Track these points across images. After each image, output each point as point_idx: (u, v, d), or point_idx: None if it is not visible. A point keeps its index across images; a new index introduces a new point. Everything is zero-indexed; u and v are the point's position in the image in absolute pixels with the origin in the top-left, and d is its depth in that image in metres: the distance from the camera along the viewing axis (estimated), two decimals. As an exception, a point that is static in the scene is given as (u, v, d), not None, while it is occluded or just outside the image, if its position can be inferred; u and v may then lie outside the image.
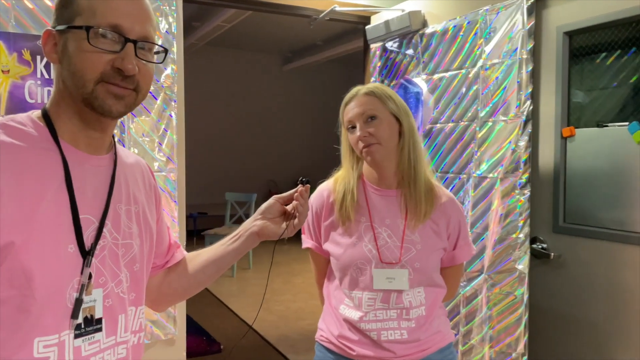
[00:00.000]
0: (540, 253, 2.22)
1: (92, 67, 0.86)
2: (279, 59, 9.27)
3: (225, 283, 5.89)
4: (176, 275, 1.20)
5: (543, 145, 2.27)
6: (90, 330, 0.90)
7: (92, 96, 0.87)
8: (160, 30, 2.21)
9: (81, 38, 0.86)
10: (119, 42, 0.87)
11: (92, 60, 0.86)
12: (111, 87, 0.87)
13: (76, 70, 0.87)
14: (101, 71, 0.86)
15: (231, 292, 5.52)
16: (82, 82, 0.87)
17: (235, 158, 9.02)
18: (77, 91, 0.88)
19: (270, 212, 1.18)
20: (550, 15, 2.23)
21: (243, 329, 4.48)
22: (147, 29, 0.91)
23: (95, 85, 0.87)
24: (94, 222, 0.92)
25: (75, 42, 0.87)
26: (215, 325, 4.54)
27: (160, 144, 2.22)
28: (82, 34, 0.86)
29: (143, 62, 0.90)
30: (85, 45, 0.86)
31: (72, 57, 0.87)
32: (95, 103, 0.87)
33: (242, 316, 4.78)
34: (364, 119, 1.45)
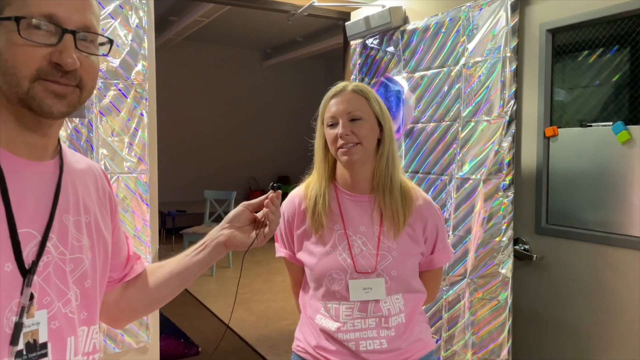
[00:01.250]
0: (523, 254, 2.18)
1: (26, 63, 0.77)
2: (258, 55, 9.15)
3: (205, 282, 5.79)
4: (135, 290, 1.10)
5: (526, 145, 2.23)
6: (33, 356, 0.81)
7: (28, 96, 0.78)
8: (130, 25, 2.10)
9: (11, 30, 0.76)
10: (55, 34, 0.78)
11: (26, 55, 0.77)
12: (50, 85, 0.78)
13: (8, 68, 0.77)
14: (37, 67, 0.77)
15: (210, 292, 5.42)
16: (16, 80, 0.77)
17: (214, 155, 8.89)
18: (11, 91, 0.78)
19: (239, 221, 1.10)
20: (533, 12, 2.19)
21: (222, 330, 4.39)
22: (87, 18, 0.81)
23: (32, 84, 0.77)
24: (36, 237, 0.82)
25: (5, 35, 0.77)
26: (194, 326, 4.45)
27: (130, 144, 2.12)
28: (12, 26, 0.76)
29: (85, 55, 0.81)
30: (16, 38, 0.76)
31: (3, 53, 0.77)
32: (33, 103, 0.78)
33: (221, 317, 4.69)
34: (348, 117, 1.38)
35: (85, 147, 2.03)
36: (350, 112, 1.39)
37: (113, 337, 2.11)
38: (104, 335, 2.08)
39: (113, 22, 2.07)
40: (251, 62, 9.11)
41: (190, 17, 6.18)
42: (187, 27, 6.65)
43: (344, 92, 1.42)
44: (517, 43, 2.22)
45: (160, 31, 7.22)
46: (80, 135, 2.02)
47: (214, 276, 6.01)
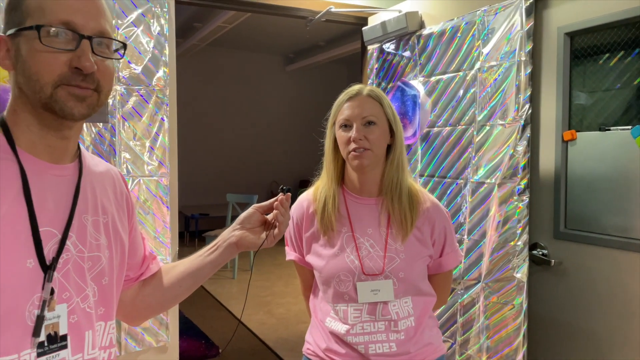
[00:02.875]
0: (541, 259, 2.17)
1: (48, 69, 0.82)
2: (281, 59, 9.23)
3: (226, 285, 5.86)
4: (151, 289, 1.15)
5: (544, 149, 2.22)
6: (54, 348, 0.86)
7: (51, 100, 0.82)
8: (152, 32, 2.17)
9: (33, 39, 0.81)
10: (73, 40, 0.82)
11: (48, 62, 0.82)
12: (72, 89, 0.83)
13: (32, 74, 0.82)
14: (59, 73, 0.82)
15: (232, 294, 5.48)
16: (39, 86, 0.82)
17: (237, 159, 8.99)
18: (35, 96, 0.83)
19: (250, 222, 1.14)
20: (551, 16, 2.18)
21: (243, 332, 4.44)
22: (102, 24, 0.86)
23: (55, 89, 0.82)
24: (56, 235, 0.87)
25: (28, 44, 0.82)
26: (215, 328, 4.51)
27: (152, 148, 2.18)
28: (33, 35, 0.81)
29: (101, 59, 0.85)
30: (37, 45, 0.81)
31: (27, 61, 0.82)
32: (56, 107, 0.83)
33: (242, 319, 4.74)
34: (362, 121, 1.40)
35: (108, 151, 2.09)
36: (365, 117, 1.41)
37: (134, 336, 2.17)
38: (125, 334, 2.14)
39: (135, 30, 2.13)
40: (274, 66, 9.19)
41: (214, 24, 6.28)
42: (210, 33, 6.76)
43: (359, 95, 1.44)
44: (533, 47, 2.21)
45: (185, 37, 7.35)
46: (104, 140, 2.09)
47: (235, 279, 6.08)
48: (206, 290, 5.65)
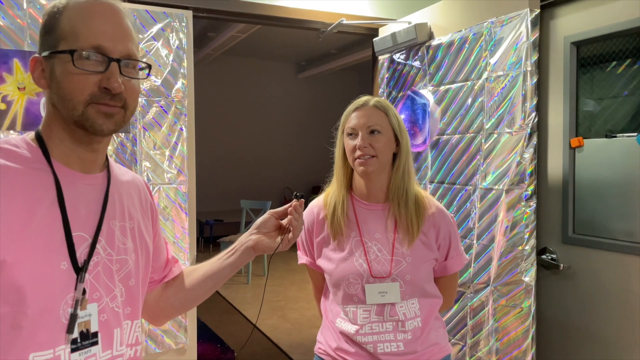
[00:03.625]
0: (550, 264, 2.21)
1: (80, 90, 0.89)
2: (293, 67, 9.33)
3: (240, 290, 5.93)
4: (174, 290, 1.22)
5: (552, 155, 2.26)
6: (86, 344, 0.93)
7: (83, 117, 0.90)
8: (171, 46, 2.26)
9: (67, 61, 0.89)
10: (103, 62, 0.90)
11: (80, 83, 0.89)
12: (101, 107, 0.91)
13: (65, 94, 0.90)
14: (89, 93, 0.89)
15: (246, 299, 5.56)
16: (72, 104, 0.90)
17: (250, 166, 9.09)
18: (68, 113, 0.91)
19: (265, 227, 1.21)
20: (557, 26, 2.23)
21: (257, 336, 4.50)
22: (129, 47, 0.93)
23: (86, 107, 0.90)
24: (87, 239, 0.94)
25: (62, 66, 0.90)
26: (230, 332, 4.58)
27: (171, 157, 2.27)
28: (67, 58, 0.89)
29: (127, 79, 0.93)
30: (71, 68, 0.88)
31: (61, 81, 0.90)
32: (87, 123, 0.91)
33: (256, 323, 4.81)
34: (368, 130, 1.47)
35: (129, 159, 2.18)
36: (370, 126, 1.47)
37: (154, 338, 2.25)
38: (145, 336, 2.22)
39: (155, 44, 2.23)
40: (286, 74, 9.29)
41: (228, 33, 6.39)
42: (224, 42, 6.87)
43: (365, 106, 1.51)
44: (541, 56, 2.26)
45: (200, 46, 7.48)
46: (126, 149, 2.18)
47: (249, 284, 6.15)
48: (221, 295, 5.73)
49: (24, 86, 2.03)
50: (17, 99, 2.02)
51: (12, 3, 1.99)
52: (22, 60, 2.02)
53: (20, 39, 2.02)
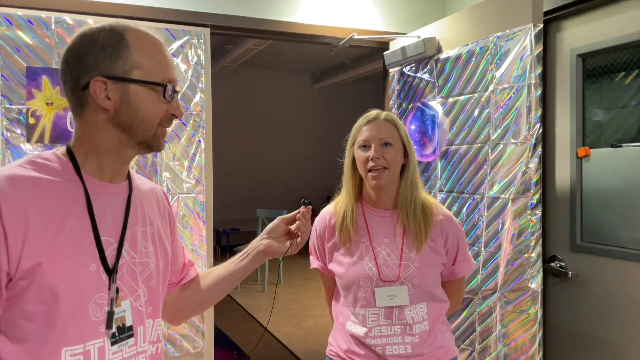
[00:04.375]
0: (559, 271, 2.25)
1: (157, 114, 1.02)
2: (308, 78, 9.45)
3: (256, 298, 6.02)
4: (190, 292, 1.31)
5: (559, 165, 2.31)
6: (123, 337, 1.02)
7: (153, 137, 1.03)
8: (189, 62, 2.37)
9: (151, 90, 1.01)
10: (173, 93, 1.03)
11: (159, 109, 1.02)
12: (164, 130, 1.05)
13: (144, 118, 1.01)
14: (161, 117, 1.03)
15: (261, 307, 5.64)
16: (149, 126, 1.02)
17: (267, 176, 9.20)
18: (142, 133, 1.02)
19: (275, 232, 1.29)
20: (564, 39, 2.29)
21: (273, 343, 4.57)
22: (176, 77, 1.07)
23: (156, 129, 1.03)
24: (113, 244, 1.04)
25: (145, 93, 1.01)
26: (246, 338, 4.65)
27: (189, 168, 2.37)
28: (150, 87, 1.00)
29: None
30: (159, 97, 1.01)
31: (140, 106, 1.01)
32: (155, 143, 1.04)
33: (271, 330, 4.88)
34: (380, 142, 1.55)
35: (150, 170, 2.29)
36: (382, 138, 1.56)
37: (173, 342, 2.34)
38: (164, 340, 2.30)
39: (175, 60, 2.33)
40: (302, 85, 9.42)
41: (244, 46, 6.53)
42: (241, 55, 7.01)
43: (377, 119, 1.59)
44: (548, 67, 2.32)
45: (217, 59, 7.64)
46: (147, 160, 2.28)
47: (265, 292, 6.23)
48: (237, 302, 5.82)
49: (52, 101, 2.14)
50: (46, 114, 2.14)
51: (41, 23, 2.11)
52: (50, 77, 2.14)
53: (48, 57, 2.14)
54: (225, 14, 2.44)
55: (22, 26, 2.08)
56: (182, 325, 2.34)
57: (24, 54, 2.09)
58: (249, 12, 2.49)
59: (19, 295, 0.93)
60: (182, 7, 2.37)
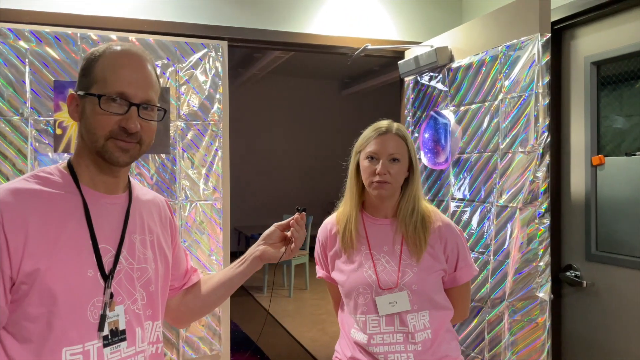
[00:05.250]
0: (574, 281, 2.23)
1: (102, 127, 1.06)
2: (336, 84, 9.52)
3: (282, 303, 6.08)
4: (192, 296, 1.37)
5: (574, 173, 2.30)
6: (116, 340, 1.09)
7: (103, 149, 1.07)
8: (208, 74, 2.45)
9: (95, 103, 1.06)
10: (125, 106, 1.07)
11: (103, 121, 1.06)
12: (118, 142, 1.07)
13: (90, 129, 1.07)
14: (110, 130, 1.06)
15: (287, 312, 5.70)
16: (95, 138, 1.07)
17: (295, 181, 9.30)
18: (92, 145, 1.08)
19: (271, 238, 1.35)
20: (578, 46, 2.28)
21: (296, 348, 4.62)
22: (148, 94, 1.10)
23: (106, 141, 1.07)
24: (111, 251, 1.11)
25: (91, 105, 1.07)
26: (270, 343, 4.72)
27: (207, 176, 2.45)
28: (95, 100, 1.06)
29: (145, 120, 1.09)
30: (97, 109, 1.06)
31: (88, 118, 1.07)
32: (106, 155, 1.08)
33: (295, 336, 4.93)
34: (389, 157, 1.58)
35: (169, 178, 2.38)
36: (392, 154, 1.58)
37: (191, 345, 2.42)
38: (182, 342, 2.39)
39: (194, 72, 2.43)
40: (330, 91, 9.49)
41: (271, 54, 6.64)
42: (269, 63, 7.13)
43: (388, 133, 1.60)
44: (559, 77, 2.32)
45: (246, 67, 7.79)
46: (166, 169, 2.38)
47: (291, 297, 6.30)
48: (263, 307, 5.90)
49: (77, 113, 2.26)
50: (72, 125, 2.26)
51: (68, 39, 2.24)
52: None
53: (74, 71, 2.26)
54: (242, 27, 2.52)
55: (50, 42, 2.20)
56: (199, 328, 2.42)
57: (52, 69, 2.21)
58: (266, 25, 2.56)
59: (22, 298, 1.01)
60: (201, 21, 2.46)
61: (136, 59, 1.11)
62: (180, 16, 2.44)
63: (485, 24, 2.19)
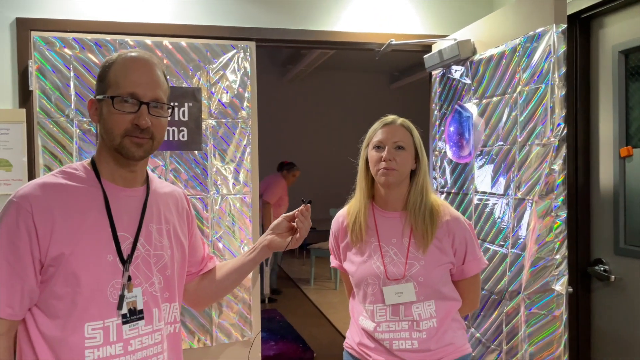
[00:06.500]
0: (602, 275, 2.19)
1: (118, 125, 1.19)
2: (386, 77, 9.49)
3: (329, 295, 6.20)
4: (208, 281, 1.50)
5: (603, 165, 2.25)
6: (134, 318, 1.22)
7: (120, 146, 1.20)
8: (237, 73, 2.57)
9: (110, 104, 1.19)
10: (136, 105, 1.19)
11: (118, 120, 1.19)
12: (133, 139, 1.20)
13: (108, 128, 1.21)
14: (125, 128, 1.19)
15: (332, 304, 5.80)
16: (113, 136, 1.20)
17: (341, 175, 9.34)
18: (110, 143, 1.21)
19: (279, 228, 1.45)
20: (606, 35, 2.22)
21: (337, 339, 4.72)
22: (157, 93, 1.22)
23: (122, 139, 1.20)
24: (129, 238, 1.24)
25: (107, 107, 1.20)
26: (313, 334, 4.84)
27: (237, 171, 2.58)
28: (110, 101, 1.19)
29: (155, 117, 1.22)
30: (112, 109, 1.19)
31: (105, 118, 1.21)
32: (123, 151, 1.21)
33: (338, 327, 5.03)
34: (394, 145, 1.65)
35: (202, 173, 2.52)
36: (396, 141, 1.65)
37: (223, 330, 2.56)
38: (215, 327, 2.53)
39: (224, 72, 2.55)
40: (379, 85, 9.47)
41: (317, 50, 6.73)
42: (316, 58, 7.22)
43: (393, 124, 1.70)
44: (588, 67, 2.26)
45: (294, 63, 7.93)
46: (198, 164, 2.52)
47: (337, 290, 6.39)
48: (309, 299, 6.03)
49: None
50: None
51: (108, 45, 2.41)
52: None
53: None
54: (270, 28, 2.62)
55: (92, 49, 2.39)
56: (231, 315, 2.55)
57: (93, 73, 2.40)
58: (293, 25, 2.65)
59: (50, 279, 1.16)
60: (230, 23, 2.58)
61: (144, 63, 1.24)
62: (210, 19, 2.57)
63: (505, 16, 2.18)
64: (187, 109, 2.48)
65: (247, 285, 2.57)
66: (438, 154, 2.69)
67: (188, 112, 2.48)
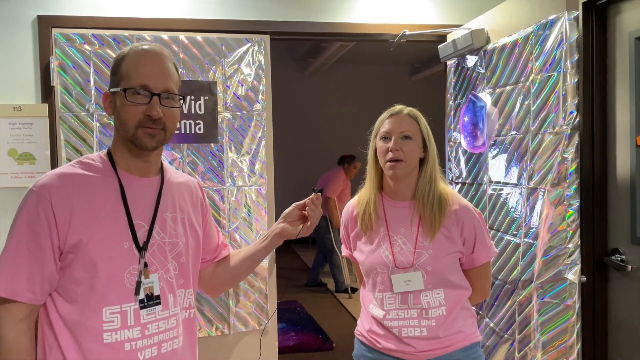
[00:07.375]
0: (619, 265, 2.16)
1: (131, 117, 1.23)
2: (407, 69, 9.43)
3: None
4: (222, 268, 1.53)
5: (620, 154, 2.21)
6: (151, 303, 1.26)
7: (134, 137, 1.24)
8: (252, 67, 2.61)
9: (123, 97, 1.23)
10: (148, 96, 1.22)
11: (131, 112, 1.22)
12: (146, 130, 1.23)
13: (122, 120, 1.24)
14: (138, 119, 1.22)
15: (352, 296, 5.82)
16: (127, 127, 1.24)
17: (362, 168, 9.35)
18: (125, 134, 1.25)
19: (290, 217, 1.48)
20: (623, 22, 2.18)
21: (357, 330, 4.74)
22: (167, 84, 1.25)
23: (136, 130, 1.23)
24: (144, 226, 1.28)
25: (120, 99, 1.24)
26: (333, 325, 4.88)
27: (252, 163, 2.62)
28: (122, 94, 1.23)
29: (167, 108, 1.25)
30: (125, 101, 1.22)
31: (119, 111, 1.25)
32: (137, 142, 1.24)
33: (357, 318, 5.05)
34: (400, 135, 1.66)
35: (218, 165, 2.57)
36: (403, 131, 1.66)
37: (241, 319, 2.61)
38: (233, 316, 2.58)
39: (239, 66, 2.59)
40: (400, 77, 9.42)
41: (337, 43, 6.74)
42: (336, 51, 7.22)
43: (400, 114, 1.71)
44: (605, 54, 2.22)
45: (315, 56, 7.94)
46: (214, 157, 2.57)
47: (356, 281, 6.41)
48: (330, 291, 6.07)
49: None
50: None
51: (125, 41, 2.48)
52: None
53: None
54: (284, 21, 2.64)
55: (111, 44, 2.45)
56: (248, 304, 2.61)
57: (112, 69, 2.47)
58: (306, 17, 2.67)
59: (69, 265, 1.21)
60: (244, 17, 2.62)
61: (155, 56, 1.27)
62: (225, 14, 2.61)
63: (518, 4, 2.16)
64: (203, 102, 2.53)
65: (264, 275, 2.61)
66: (453, 144, 2.69)
67: (204, 105, 2.53)
